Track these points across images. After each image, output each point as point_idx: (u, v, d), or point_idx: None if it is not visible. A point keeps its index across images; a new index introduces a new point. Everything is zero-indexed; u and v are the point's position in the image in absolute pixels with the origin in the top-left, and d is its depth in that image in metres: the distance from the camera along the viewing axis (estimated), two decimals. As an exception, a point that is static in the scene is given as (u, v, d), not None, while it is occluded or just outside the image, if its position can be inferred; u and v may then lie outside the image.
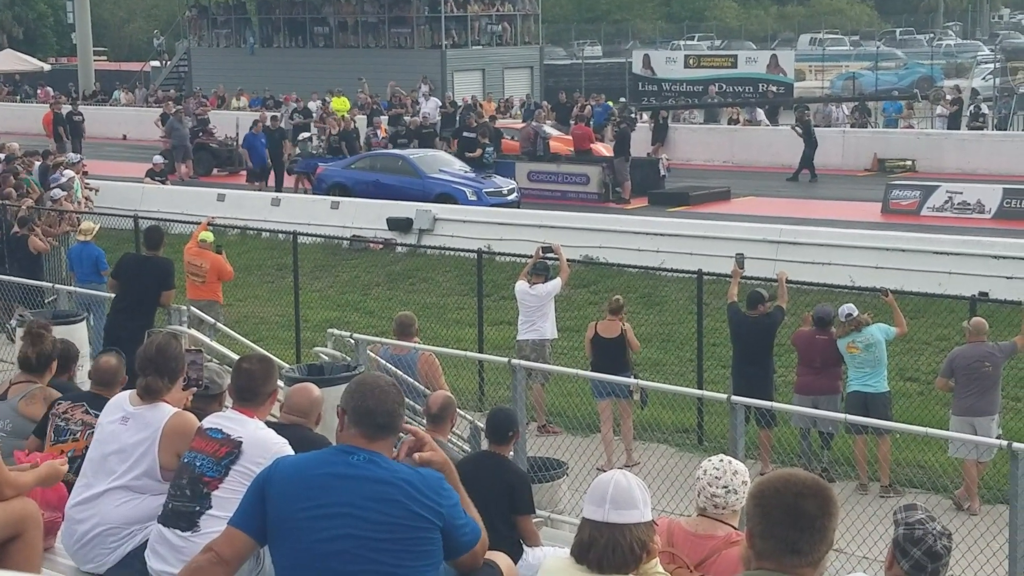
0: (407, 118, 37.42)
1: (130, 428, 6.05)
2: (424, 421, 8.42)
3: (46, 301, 15.12)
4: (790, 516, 3.59)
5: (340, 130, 34.30)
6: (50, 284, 15.74)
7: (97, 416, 6.41)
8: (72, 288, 15.41)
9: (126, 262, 13.19)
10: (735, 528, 5.39)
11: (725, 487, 5.38)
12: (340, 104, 41.25)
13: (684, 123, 40.10)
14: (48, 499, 6.30)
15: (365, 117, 38.85)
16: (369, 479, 4.55)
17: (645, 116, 39.10)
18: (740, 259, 14.64)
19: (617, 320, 14.02)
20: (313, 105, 42.75)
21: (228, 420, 5.81)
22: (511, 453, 8.22)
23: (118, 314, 12.79)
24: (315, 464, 4.68)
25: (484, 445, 8.62)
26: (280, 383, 6.51)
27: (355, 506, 4.53)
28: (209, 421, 5.84)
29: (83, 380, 8.48)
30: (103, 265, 16.55)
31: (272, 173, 32.34)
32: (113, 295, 13.15)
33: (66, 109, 39.28)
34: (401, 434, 4.87)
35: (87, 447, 6.30)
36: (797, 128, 34.00)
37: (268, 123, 33.96)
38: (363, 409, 4.62)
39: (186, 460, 5.75)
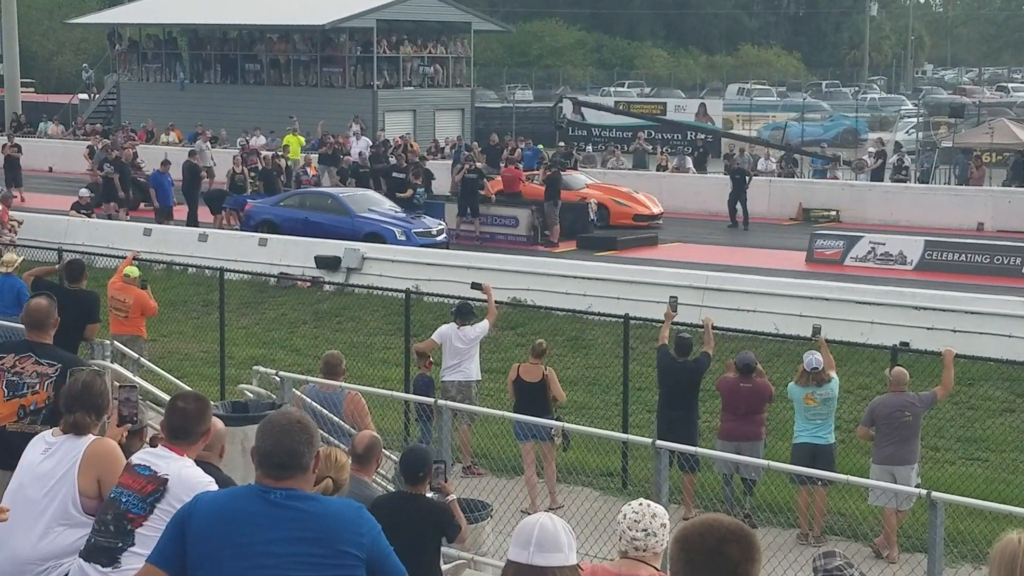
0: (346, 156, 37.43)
1: (51, 457, 6.01)
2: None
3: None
4: (713, 561, 3.61)
5: (261, 168, 34.20)
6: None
7: (51, 365, 6.33)
8: (-7, 320, 15.16)
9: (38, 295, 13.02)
10: (657, 569, 5.42)
11: (644, 530, 5.41)
12: (293, 141, 40.74)
13: (613, 169, 40.41)
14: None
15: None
16: (288, 517, 4.53)
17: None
18: (674, 302, 14.60)
19: (539, 364, 14.03)
20: (241, 141, 42.55)
21: (156, 457, 5.76)
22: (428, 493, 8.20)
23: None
24: (234, 501, 4.66)
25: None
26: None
27: (274, 543, 4.51)
28: (138, 457, 5.79)
29: None
30: (25, 297, 16.29)
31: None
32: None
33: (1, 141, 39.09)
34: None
35: (49, 397, 6.24)
36: (736, 175, 34.27)
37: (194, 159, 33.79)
38: (263, 450, 4.62)
39: (112, 496, 5.71)
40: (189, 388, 11.75)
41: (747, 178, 34.08)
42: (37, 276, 14.47)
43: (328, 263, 25.08)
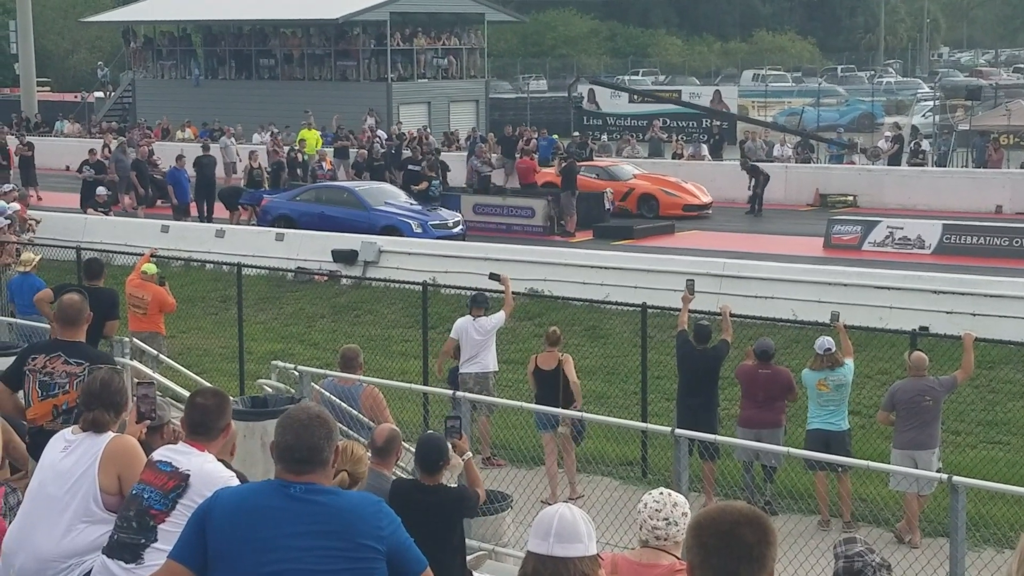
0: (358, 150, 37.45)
1: (71, 455, 6.02)
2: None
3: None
4: (727, 545, 3.58)
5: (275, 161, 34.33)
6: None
7: (79, 364, 6.37)
8: (12, 319, 15.23)
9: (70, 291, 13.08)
10: (678, 558, 5.42)
11: (666, 519, 5.41)
12: (310, 136, 40.76)
13: (628, 158, 40.33)
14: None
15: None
16: (308, 511, 4.55)
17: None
18: (691, 285, 14.49)
19: (555, 351, 14.02)
20: (258, 137, 42.61)
21: (178, 453, 5.78)
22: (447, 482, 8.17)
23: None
24: (254, 496, 4.67)
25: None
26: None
27: (295, 537, 4.52)
28: (159, 453, 5.81)
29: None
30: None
31: (198, 205, 32.08)
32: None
33: (14, 143, 39.21)
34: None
35: (79, 397, 6.29)
36: (746, 169, 34.27)
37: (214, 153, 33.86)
38: (283, 445, 4.63)
39: (135, 492, 5.72)
40: (208, 384, 11.81)
41: (755, 168, 34.03)
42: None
43: (345, 257, 25.11)
